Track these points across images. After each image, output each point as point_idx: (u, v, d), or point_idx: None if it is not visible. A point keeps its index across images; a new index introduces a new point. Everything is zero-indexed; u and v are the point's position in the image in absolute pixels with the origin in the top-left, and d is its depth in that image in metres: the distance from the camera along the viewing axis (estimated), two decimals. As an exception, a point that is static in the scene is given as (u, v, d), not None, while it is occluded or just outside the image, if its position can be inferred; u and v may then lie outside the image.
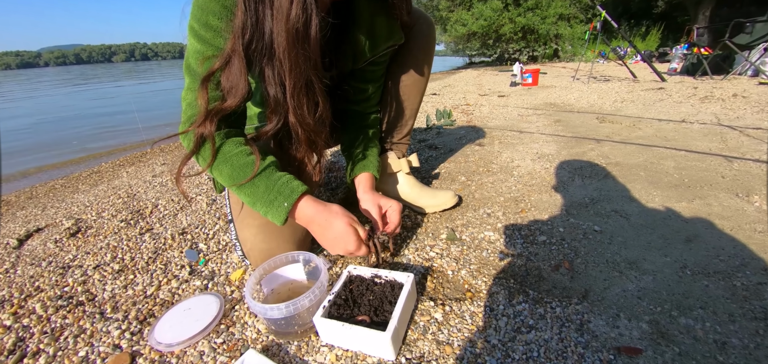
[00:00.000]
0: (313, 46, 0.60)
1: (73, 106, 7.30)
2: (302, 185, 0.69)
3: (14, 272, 1.13)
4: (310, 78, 0.63)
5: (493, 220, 1.00)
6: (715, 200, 1.06)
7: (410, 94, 0.92)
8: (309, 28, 0.57)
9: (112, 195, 1.83)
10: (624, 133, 1.91)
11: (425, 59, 0.88)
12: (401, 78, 0.89)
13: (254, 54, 0.62)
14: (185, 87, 0.70)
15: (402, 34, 0.79)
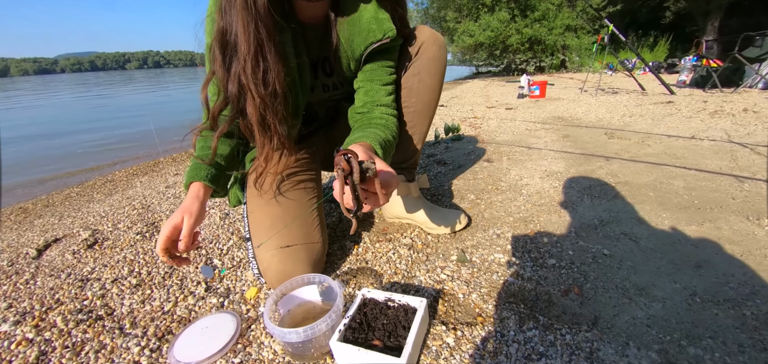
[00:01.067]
0: (262, 10, 0.65)
1: (87, 113, 7.48)
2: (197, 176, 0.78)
3: (34, 284, 1.17)
4: (261, 41, 0.67)
5: (503, 241, 1.01)
6: (725, 223, 1.06)
7: (419, 119, 0.93)
8: None
9: (126, 206, 1.88)
10: (633, 150, 1.91)
11: (435, 83, 0.90)
12: (410, 102, 0.91)
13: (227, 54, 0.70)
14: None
15: (393, 26, 0.78)
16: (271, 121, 0.72)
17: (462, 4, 10.79)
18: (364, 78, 0.84)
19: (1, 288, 1.16)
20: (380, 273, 0.91)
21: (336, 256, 1.01)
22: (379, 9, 0.76)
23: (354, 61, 0.81)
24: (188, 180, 0.80)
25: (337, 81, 0.88)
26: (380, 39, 0.76)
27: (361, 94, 0.84)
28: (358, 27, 0.77)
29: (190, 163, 0.84)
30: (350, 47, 0.79)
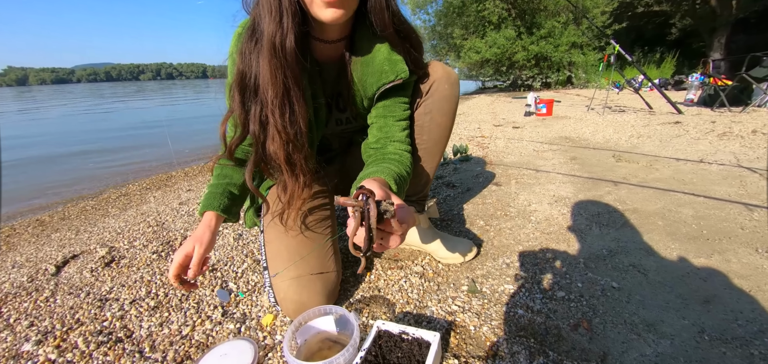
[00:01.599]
0: (290, 60, 0.69)
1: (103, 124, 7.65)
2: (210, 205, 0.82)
3: (54, 301, 1.20)
4: (288, 86, 0.70)
5: (513, 271, 1.03)
6: (734, 255, 1.07)
7: (429, 156, 0.96)
8: (284, 40, 0.67)
9: (141, 222, 1.92)
10: (641, 175, 1.92)
11: (446, 121, 0.93)
12: (421, 140, 0.93)
13: (246, 95, 0.73)
14: None
15: (406, 68, 0.81)
16: (297, 161, 0.76)
17: (468, 22, 10.93)
18: (378, 114, 0.87)
19: (22, 305, 1.20)
20: (393, 302, 0.93)
21: (349, 283, 1.04)
22: (393, 51, 0.80)
23: (367, 99, 0.85)
24: (202, 209, 0.84)
25: (351, 116, 0.92)
26: (393, 80, 0.79)
27: (374, 130, 0.87)
28: (372, 68, 0.81)
29: (206, 190, 0.88)
30: (363, 86, 0.83)
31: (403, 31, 0.80)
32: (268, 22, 0.66)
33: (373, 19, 0.75)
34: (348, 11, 0.69)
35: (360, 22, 0.77)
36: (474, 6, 10.40)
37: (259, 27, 0.69)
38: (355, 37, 0.80)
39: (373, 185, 0.54)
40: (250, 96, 0.73)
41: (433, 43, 13.00)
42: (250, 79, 0.71)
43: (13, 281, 1.39)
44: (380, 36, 0.78)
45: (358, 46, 0.81)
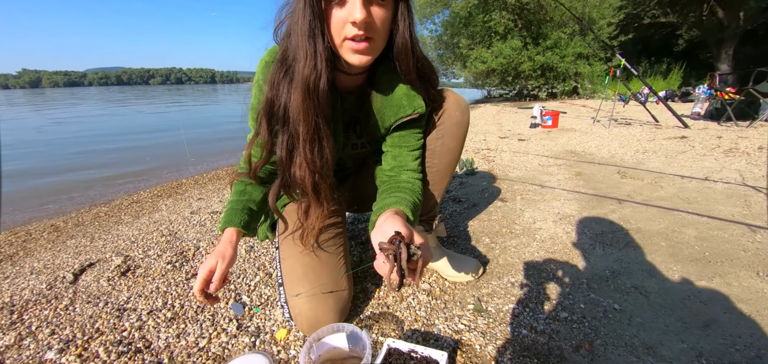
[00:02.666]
0: (322, 99, 0.73)
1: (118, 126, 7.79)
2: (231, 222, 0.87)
3: (74, 310, 1.25)
4: (318, 124, 0.75)
5: (517, 290, 1.06)
6: (735, 278, 1.09)
7: (439, 179, 1.00)
8: (319, 81, 0.71)
9: (154, 231, 1.97)
10: (645, 193, 1.94)
11: (457, 145, 0.97)
12: (433, 163, 0.98)
13: (272, 124, 0.78)
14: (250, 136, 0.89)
15: (424, 103, 0.86)
16: (323, 189, 0.81)
17: (475, 32, 11.02)
18: (393, 143, 0.92)
19: (43, 313, 1.24)
20: (401, 319, 0.97)
21: (359, 299, 1.07)
22: (412, 88, 0.85)
23: (384, 128, 0.89)
24: (223, 225, 0.88)
25: (366, 141, 0.96)
26: (410, 114, 0.84)
27: (389, 158, 0.92)
28: (390, 101, 0.86)
29: (226, 206, 0.93)
30: (381, 117, 0.88)
31: (423, 73, 0.85)
32: (303, 64, 0.70)
33: (398, 64, 0.80)
34: (374, 56, 0.73)
35: (382, 56, 0.80)
36: (480, 17, 10.49)
37: (291, 61, 0.74)
38: (377, 69, 0.85)
39: (398, 223, 0.61)
40: (277, 123, 0.78)
41: (439, 52, 13.10)
42: (278, 108, 0.76)
43: (33, 288, 1.44)
44: (401, 72, 0.82)
45: (379, 80, 0.86)
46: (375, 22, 0.70)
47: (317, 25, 0.68)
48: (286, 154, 0.79)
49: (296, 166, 0.79)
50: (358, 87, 0.88)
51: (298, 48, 0.70)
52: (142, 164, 4.37)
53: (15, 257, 1.95)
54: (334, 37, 0.71)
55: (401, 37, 0.76)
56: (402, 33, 0.75)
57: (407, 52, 0.77)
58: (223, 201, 2.47)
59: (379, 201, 0.84)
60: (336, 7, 0.68)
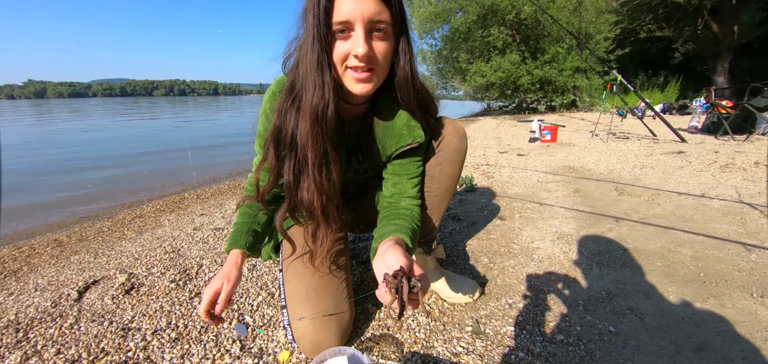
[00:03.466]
0: (330, 126, 0.77)
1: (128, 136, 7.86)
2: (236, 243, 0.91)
3: (78, 329, 1.27)
4: (326, 149, 0.79)
5: (515, 312, 1.08)
6: (730, 300, 1.11)
7: (438, 203, 1.03)
8: (326, 109, 0.75)
9: (157, 248, 1.99)
10: (642, 211, 1.97)
11: (455, 170, 1.01)
12: (432, 188, 1.01)
13: (280, 150, 0.82)
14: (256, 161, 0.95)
15: (423, 133, 0.90)
16: (331, 211, 0.85)
17: (474, 47, 11.17)
18: (393, 171, 0.95)
19: (48, 331, 1.26)
20: (401, 342, 0.99)
21: (359, 321, 1.09)
22: (411, 118, 0.88)
23: (385, 156, 0.93)
24: (229, 246, 0.91)
25: (368, 167, 1.00)
26: (410, 144, 0.88)
27: (390, 185, 0.96)
28: (391, 131, 0.89)
29: (232, 228, 0.96)
30: (383, 145, 0.91)
31: (423, 103, 0.89)
32: (312, 93, 0.74)
33: (399, 94, 0.84)
34: (375, 86, 0.77)
35: (384, 87, 0.84)
36: (479, 32, 10.65)
37: (298, 90, 0.78)
38: (379, 100, 0.89)
39: (399, 254, 0.65)
40: (284, 149, 0.81)
41: (439, 66, 13.26)
42: (285, 134, 0.80)
43: (38, 306, 1.46)
44: (401, 103, 0.86)
45: (381, 109, 0.90)
46: (377, 55, 0.74)
47: (325, 57, 0.72)
48: (293, 179, 0.82)
49: (303, 190, 0.82)
50: (361, 115, 0.92)
51: (307, 79, 0.74)
52: (144, 179, 4.41)
53: (19, 272, 1.97)
54: (338, 67, 0.75)
55: (402, 70, 0.80)
56: (403, 66, 0.80)
57: (408, 84, 0.82)
58: (226, 217, 2.50)
59: (379, 227, 0.88)
60: (340, 40, 0.72)
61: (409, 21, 0.83)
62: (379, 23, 0.72)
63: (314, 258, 0.92)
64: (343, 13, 0.69)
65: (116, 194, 3.81)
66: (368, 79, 0.75)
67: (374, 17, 0.71)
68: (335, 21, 0.70)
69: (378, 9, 0.71)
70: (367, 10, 0.69)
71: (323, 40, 0.71)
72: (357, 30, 0.70)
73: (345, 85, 0.77)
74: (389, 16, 0.73)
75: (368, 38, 0.71)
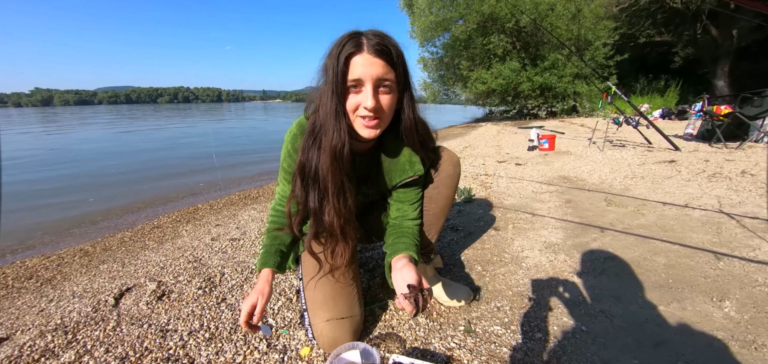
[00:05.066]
0: (345, 162, 0.95)
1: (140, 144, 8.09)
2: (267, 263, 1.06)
3: (121, 331, 1.44)
4: (343, 181, 0.97)
5: (502, 314, 1.25)
6: (691, 304, 1.28)
7: (435, 220, 1.21)
8: (343, 148, 0.93)
9: (180, 257, 2.17)
10: (627, 221, 2.13)
11: (450, 193, 1.19)
12: (430, 207, 1.19)
13: (305, 182, 0.98)
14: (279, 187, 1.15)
15: (422, 167, 1.08)
16: (348, 231, 1.02)
17: (475, 54, 11.37)
18: (397, 197, 1.14)
19: (94, 333, 1.44)
20: (404, 339, 1.16)
21: (368, 321, 1.27)
22: (413, 153, 1.07)
23: (390, 185, 1.11)
24: (260, 266, 1.09)
25: (375, 191, 1.18)
26: (411, 176, 1.06)
27: (394, 209, 1.14)
28: (395, 164, 1.08)
29: (261, 249, 1.14)
30: (389, 177, 1.10)
31: (423, 141, 1.07)
32: (331, 135, 0.91)
33: (404, 136, 1.03)
34: (381, 130, 0.96)
35: (389, 127, 1.01)
36: (480, 40, 10.84)
37: (318, 132, 0.96)
38: (385, 138, 1.06)
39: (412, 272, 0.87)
40: (308, 183, 0.99)
41: (440, 73, 13.46)
42: (309, 170, 0.97)
43: (80, 311, 1.64)
44: (405, 142, 1.04)
45: (386, 146, 1.08)
46: (382, 107, 0.92)
47: (341, 107, 0.90)
48: (318, 205, 1.00)
49: (326, 214, 1.00)
50: (369, 150, 1.10)
51: (327, 123, 0.92)
52: (158, 190, 4.61)
53: (53, 280, 2.16)
54: (350, 115, 0.93)
55: (407, 119, 0.98)
56: (408, 115, 0.98)
57: (412, 129, 1.00)
58: (240, 227, 2.68)
59: (389, 245, 1.06)
60: (353, 94, 0.90)
61: (412, 78, 1.01)
62: (385, 81, 0.90)
63: (334, 271, 1.09)
64: (356, 73, 0.88)
65: (131, 206, 4.01)
66: (376, 126, 0.93)
67: (381, 76, 0.89)
68: (350, 79, 0.88)
69: (384, 70, 0.89)
70: (375, 72, 0.88)
71: (340, 93, 0.89)
72: (367, 87, 0.88)
73: (355, 128, 0.95)
74: (393, 75, 0.91)
75: (376, 93, 0.90)
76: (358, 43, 0.88)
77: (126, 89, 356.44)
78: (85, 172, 5.87)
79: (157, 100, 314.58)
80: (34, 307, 1.78)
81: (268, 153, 7.65)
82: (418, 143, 1.05)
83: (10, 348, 1.40)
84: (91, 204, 4.12)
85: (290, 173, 1.05)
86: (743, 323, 1.17)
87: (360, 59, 0.88)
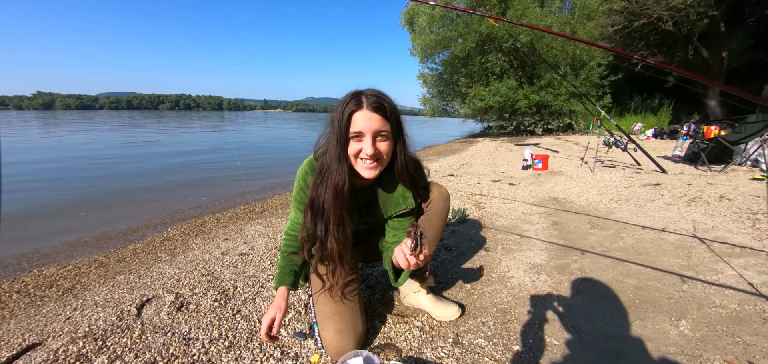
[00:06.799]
0: (345, 198, 1.14)
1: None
2: (283, 282, 1.24)
3: (147, 338, 1.61)
4: (343, 214, 1.16)
5: (486, 329, 1.43)
6: (652, 322, 1.46)
7: (428, 246, 1.40)
8: (343, 188, 1.13)
9: (193, 270, 2.34)
10: (606, 244, 2.32)
11: (440, 224, 1.38)
12: None
13: (314, 214, 1.17)
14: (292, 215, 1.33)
15: (414, 202, 1.28)
16: (345, 256, 1.21)
17: (473, 71, 11.69)
18: (392, 226, 1.33)
19: (122, 340, 1.60)
20: (400, 348, 1.34)
21: (369, 333, 1.45)
22: (406, 190, 1.26)
23: (386, 216, 1.31)
24: (277, 284, 1.27)
25: (373, 221, 1.37)
26: (404, 209, 1.26)
27: (390, 235, 1.34)
28: (391, 199, 1.27)
29: (277, 270, 1.32)
30: (385, 209, 1.29)
31: (414, 179, 1.28)
32: (334, 176, 1.12)
33: (396, 176, 1.23)
34: (379, 171, 1.16)
35: (386, 167, 1.22)
36: (478, 58, 11.16)
37: (325, 172, 1.15)
38: (382, 176, 1.26)
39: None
40: (316, 214, 1.18)
41: (439, 89, 13.76)
42: (318, 205, 1.17)
43: (105, 319, 1.80)
44: (399, 180, 1.24)
45: (383, 183, 1.28)
46: (380, 152, 1.12)
47: (343, 153, 1.11)
48: (324, 233, 1.19)
49: (329, 242, 1.19)
50: (369, 186, 1.30)
51: (332, 165, 1.13)
52: (164, 201, 4.77)
53: (74, 290, 2.32)
54: (352, 158, 1.13)
55: (400, 162, 1.19)
56: (400, 159, 1.18)
57: (403, 170, 1.21)
58: (248, 242, 2.84)
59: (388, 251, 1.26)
60: (354, 141, 1.11)
61: (405, 126, 1.22)
62: (382, 131, 1.10)
63: (333, 289, 1.28)
64: (358, 127, 1.08)
65: (140, 216, 4.18)
66: (374, 168, 1.13)
67: (378, 129, 1.09)
68: (352, 131, 1.09)
69: (381, 124, 1.09)
70: (373, 126, 1.08)
71: (343, 142, 1.10)
72: (367, 137, 1.09)
73: (356, 169, 1.15)
74: (389, 127, 1.12)
75: (374, 142, 1.10)
76: (358, 102, 1.09)
77: (128, 95, 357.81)
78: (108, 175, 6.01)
79: (159, 107, 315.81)
80: (60, 315, 1.93)
81: (278, 168, 7.84)
82: (409, 182, 1.25)
83: (45, 353, 1.56)
84: (104, 214, 4.26)
85: (302, 203, 1.25)
86: (694, 340, 1.35)
87: (361, 115, 1.09)
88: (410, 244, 0.97)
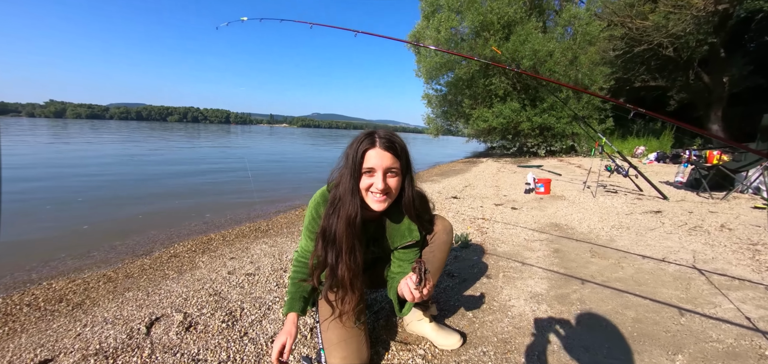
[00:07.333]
0: (357, 228, 1.21)
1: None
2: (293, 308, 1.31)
3: (156, 358, 1.66)
4: (354, 243, 1.23)
5: (487, 359, 1.48)
6: (648, 356, 1.49)
7: (432, 277, 1.46)
8: (355, 218, 1.19)
9: (200, 289, 2.38)
10: (606, 273, 2.36)
11: (443, 256, 1.45)
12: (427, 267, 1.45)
13: (325, 242, 1.24)
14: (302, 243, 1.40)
15: (419, 235, 1.35)
16: (356, 283, 1.27)
17: (477, 93, 11.88)
18: (398, 257, 1.40)
19: (132, 359, 1.65)
20: (403, 377, 1.38)
21: (373, 360, 1.49)
22: (412, 223, 1.33)
23: (393, 247, 1.38)
24: (287, 311, 1.33)
25: (380, 251, 1.44)
26: (409, 241, 1.33)
27: (395, 265, 1.40)
28: (397, 230, 1.34)
29: (287, 297, 1.38)
30: (391, 240, 1.36)
31: (420, 214, 1.35)
32: (347, 206, 1.19)
33: (403, 210, 1.31)
34: (388, 205, 1.23)
35: (394, 201, 1.29)
36: (482, 80, 11.36)
37: (337, 203, 1.23)
38: (391, 209, 1.33)
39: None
40: (328, 243, 1.25)
41: (444, 109, 13.95)
42: (329, 234, 1.24)
43: (115, 337, 1.85)
44: (405, 214, 1.31)
45: (391, 215, 1.35)
46: (390, 187, 1.19)
47: (356, 187, 1.18)
48: (335, 261, 1.25)
49: (339, 269, 1.25)
50: (377, 218, 1.37)
51: (345, 197, 1.20)
52: (169, 216, 4.84)
53: (83, 305, 2.37)
54: (364, 192, 1.20)
55: (407, 198, 1.26)
56: (408, 195, 1.26)
57: (410, 205, 1.28)
58: (254, 262, 2.90)
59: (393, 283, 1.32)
60: (366, 176, 1.18)
61: (413, 164, 1.29)
62: (392, 168, 1.18)
63: (342, 316, 1.33)
64: (370, 163, 1.16)
65: (146, 230, 4.25)
66: (383, 201, 1.21)
67: (389, 166, 1.17)
68: (365, 167, 1.17)
69: (391, 162, 1.17)
70: (385, 163, 1.16)
71: (356, 177, 1.18)
72: (378, 174, 1.16)
73: (367, 201, 1.22)
74: (399, 164, 1.20)
75: (385, 178, 1.17)
76: (372, 140, 1.18)
77: (137, 106, 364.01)
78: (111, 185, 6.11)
79: (167, 119, 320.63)
80: (71, 330, 1.98)
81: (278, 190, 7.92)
82: (415, 216, 1.32)
83: (59, 370, 1.60)
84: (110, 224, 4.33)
85: (313, 232, 1.32)
86: (690, 375, 1.39)
87: (373, 153, 1.17)
88: (415, 278, 1.03)
